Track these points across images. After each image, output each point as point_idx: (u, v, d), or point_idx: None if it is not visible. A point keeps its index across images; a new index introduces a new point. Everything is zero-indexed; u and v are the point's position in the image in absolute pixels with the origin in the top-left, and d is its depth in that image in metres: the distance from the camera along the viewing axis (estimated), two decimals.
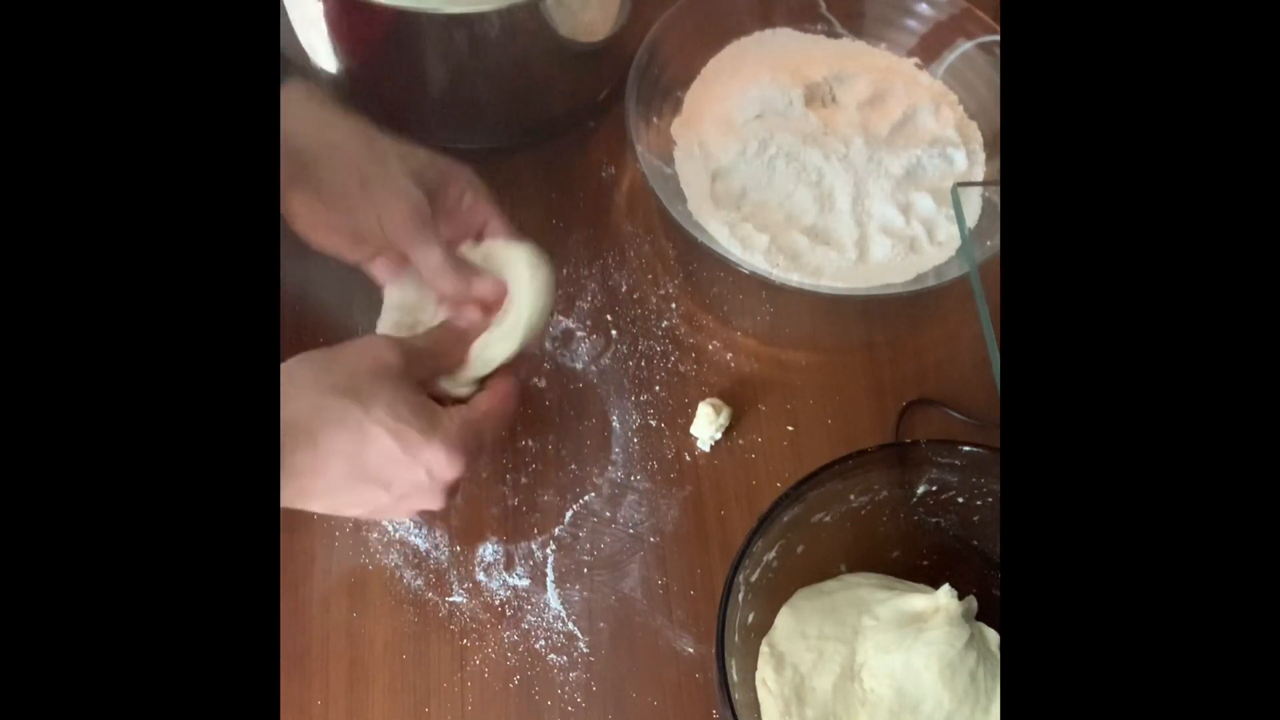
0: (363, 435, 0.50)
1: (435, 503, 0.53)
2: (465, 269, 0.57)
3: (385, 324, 0.60)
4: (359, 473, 0.50)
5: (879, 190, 0.73)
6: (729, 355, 0.70)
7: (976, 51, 0.77)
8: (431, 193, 0.57)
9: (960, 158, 0.75)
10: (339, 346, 0.53)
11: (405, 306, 0.60)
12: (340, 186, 0.56)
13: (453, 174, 0.59)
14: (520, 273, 0.57)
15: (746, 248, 0.70)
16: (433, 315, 0.59)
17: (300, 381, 0.50)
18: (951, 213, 0.72)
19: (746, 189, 0.73)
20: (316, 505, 0.52)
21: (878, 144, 0.74)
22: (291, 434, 0.48)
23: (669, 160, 0.74)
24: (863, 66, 0.78)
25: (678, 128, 0.76)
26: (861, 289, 0.69)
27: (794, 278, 0.68)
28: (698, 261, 0.74)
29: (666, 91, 0.77)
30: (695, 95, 0.78)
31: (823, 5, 0.80)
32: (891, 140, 0.75)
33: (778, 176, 0.73)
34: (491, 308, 0.57)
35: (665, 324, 0.71)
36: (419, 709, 0.60)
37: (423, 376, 0.54)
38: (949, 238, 0.72)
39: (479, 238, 0.60)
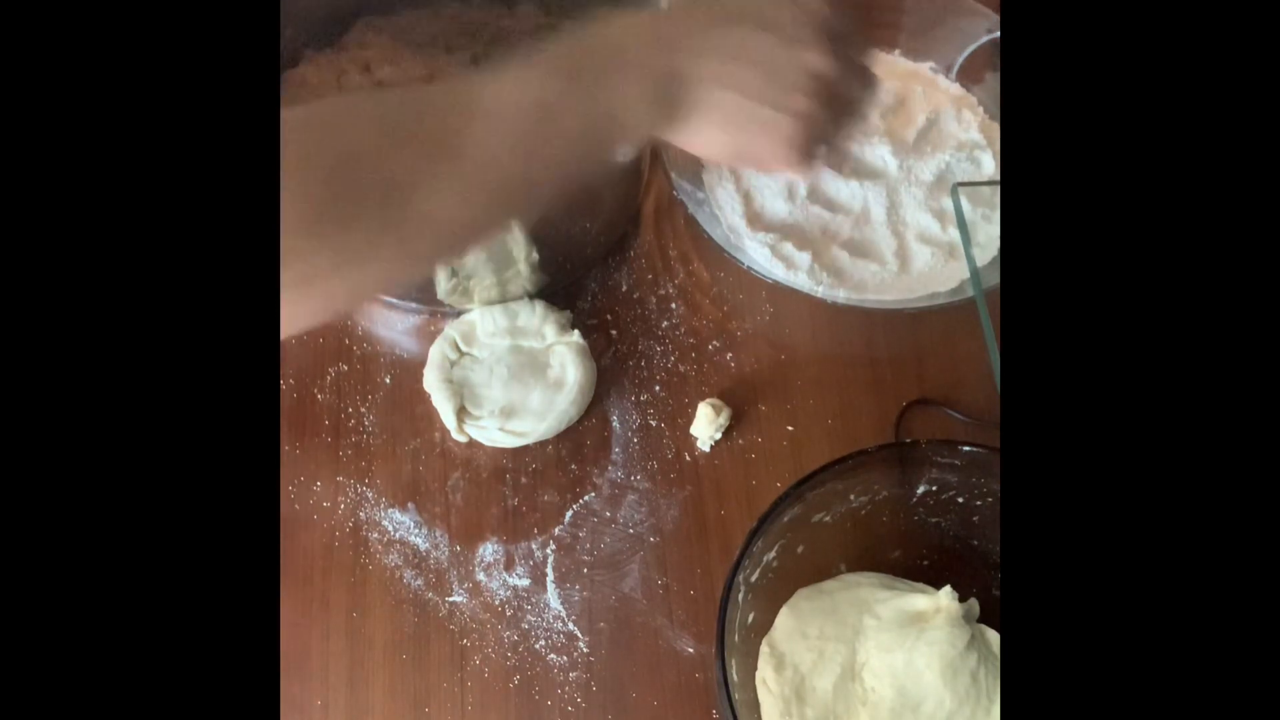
0: None
1: (821, 57, 0.51)
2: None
3: None
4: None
5: (911, 199, 0.73)
6: (729, 355, 0.70)
7: (990, 51, 0.77)
8: None
9: (988, 159, 0.75)
10: None
11: None
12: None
13: None
14: (579, 363, 0.67)
15: (790, 267, 0.69)
16: None
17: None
18: (987, 212, 0.72)
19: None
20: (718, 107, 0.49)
21: (905, 152, 0.74)
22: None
23: (699, 184, 0.74)
24: (880, 73, 0.78)
25: None
26: (910, 302, 0.69)
27: (840, 294, 0.68)
28: (698, 261, 0.74)
29: None
30: None
31: None
32: (919, 147, 0.75)
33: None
34: None
35: (665, 324, 0.71)
36: (419, 709, 0.60)
37: None
38: (988, 239, 0.71)
39: None
